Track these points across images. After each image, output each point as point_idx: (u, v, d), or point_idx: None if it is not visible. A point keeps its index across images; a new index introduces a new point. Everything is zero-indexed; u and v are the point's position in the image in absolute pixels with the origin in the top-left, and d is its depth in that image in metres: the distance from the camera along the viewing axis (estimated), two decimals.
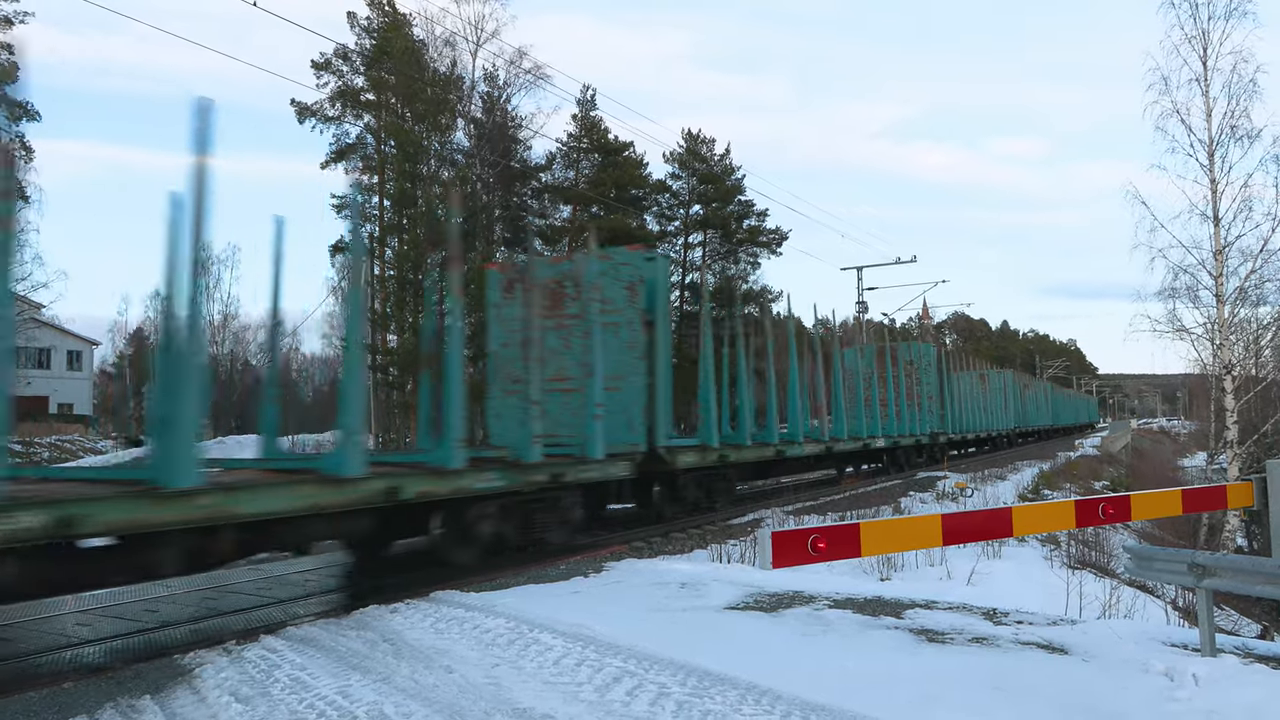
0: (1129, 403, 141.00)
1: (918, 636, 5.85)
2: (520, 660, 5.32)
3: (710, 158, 40.92)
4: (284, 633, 6.30)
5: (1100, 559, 13.61)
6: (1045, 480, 24.39)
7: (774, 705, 4.32)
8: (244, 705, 4.67)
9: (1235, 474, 16.00)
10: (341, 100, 31.32)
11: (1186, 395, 62.86)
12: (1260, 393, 18.26)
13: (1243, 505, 5.60)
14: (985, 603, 7.05)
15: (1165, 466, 40.06)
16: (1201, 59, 17.08)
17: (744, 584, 7.89)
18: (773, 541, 3.59)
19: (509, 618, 6.38)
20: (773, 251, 41.57)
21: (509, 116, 34.64)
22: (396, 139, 29.50)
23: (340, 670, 5.23)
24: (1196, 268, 17.16)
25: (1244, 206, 16.69)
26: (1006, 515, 4.36)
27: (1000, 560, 10.67)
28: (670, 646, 5.47)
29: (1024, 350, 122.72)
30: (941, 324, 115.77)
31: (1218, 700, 4.13)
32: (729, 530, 12.87)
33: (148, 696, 4.96)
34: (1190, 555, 5.14)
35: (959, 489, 17.90)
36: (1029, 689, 4.55)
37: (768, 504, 15.77)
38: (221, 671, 5.34)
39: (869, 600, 7.18)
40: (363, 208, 30.67)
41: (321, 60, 31.07)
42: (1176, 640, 5.70)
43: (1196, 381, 27.37)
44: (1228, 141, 16.87)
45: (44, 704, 4.90)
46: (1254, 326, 18.36)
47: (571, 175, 37.18)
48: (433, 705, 4.50)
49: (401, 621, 6.53)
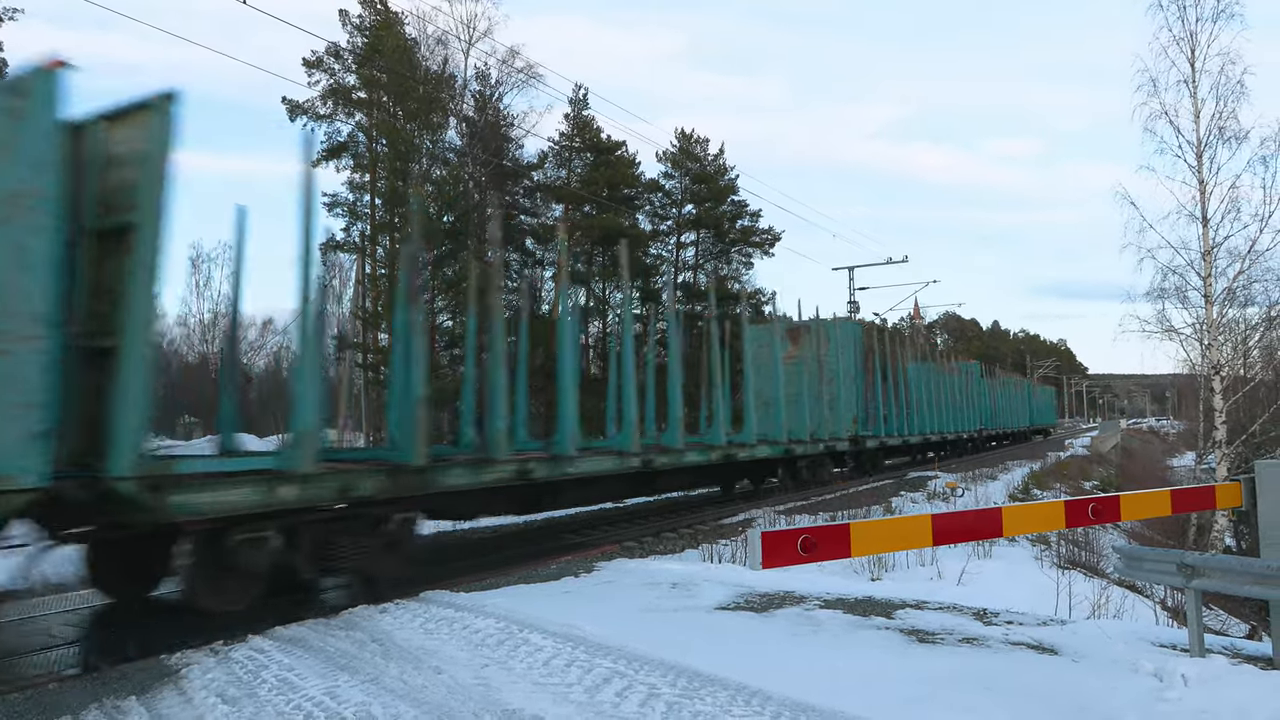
0: (1118, 403, 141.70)
1: (908, 637, 5.86)
2: (510, 661, 5.29)
3: (703, 157, 40.90)
4: (272, 633, 6.26)
5: (1090, 559, 13.67)
6: (1035, 480, 24.51)
7: (764, 706, 4.31)
8: (230, 706, 4.64)
9: (1224, 474, 16.07)
10: (333, 98, 31.19)
11: (1175, 395, 63.20)
12: (1248, 393, 18.34)
13: (1231, 506, 5.60)
14: (975, 603, 7.06)
15: (1154, 466, 40.25)
16: (1190, 60, 17.13)
17: (735, 584, 7.88)
18: (763, 541, 3.57)
19: (499, 618, 6.36)
20: (765, 252, 41.61)
21: (501, 115, 34.55)
22: (388, 137, 29.38)
23: (328, 671, 5.20)
24: (1185, 268, 17.22)
25: (1232, 207, 16.74)
26: (996, 515, 4.35)
27: (990, 560, 10.70)
28: (661, 647, 5.46)
29: (1014, 350, 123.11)
30: (933, 324, 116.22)
31: (1207, 701, 4.13)
32: (720, 530, 12.87)
33: (133, 697, 4.91)
34: (1179, 555, 5.15)
35: (950, 489, 17.96)
36: (1019, 689, 4.55)
37: (759, 503, 15.78)
38: (208, 672, 5.30)
39: (860, 600, 7.18)
40: (354, 204, 30.56)
41: (313, 58, 30.97)
42: (1165, 640, 5.72)
43: (1185, 382, 27.49)
44: (1216, 143, 16.92)
45: (28, 705, 4.85)
46: (1242, 327, 18.45)
47: (564, 174, 37.11)
48: (421, 706, 4.47)
49: (391, 622, 6.50)
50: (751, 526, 12.75)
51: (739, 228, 41.17)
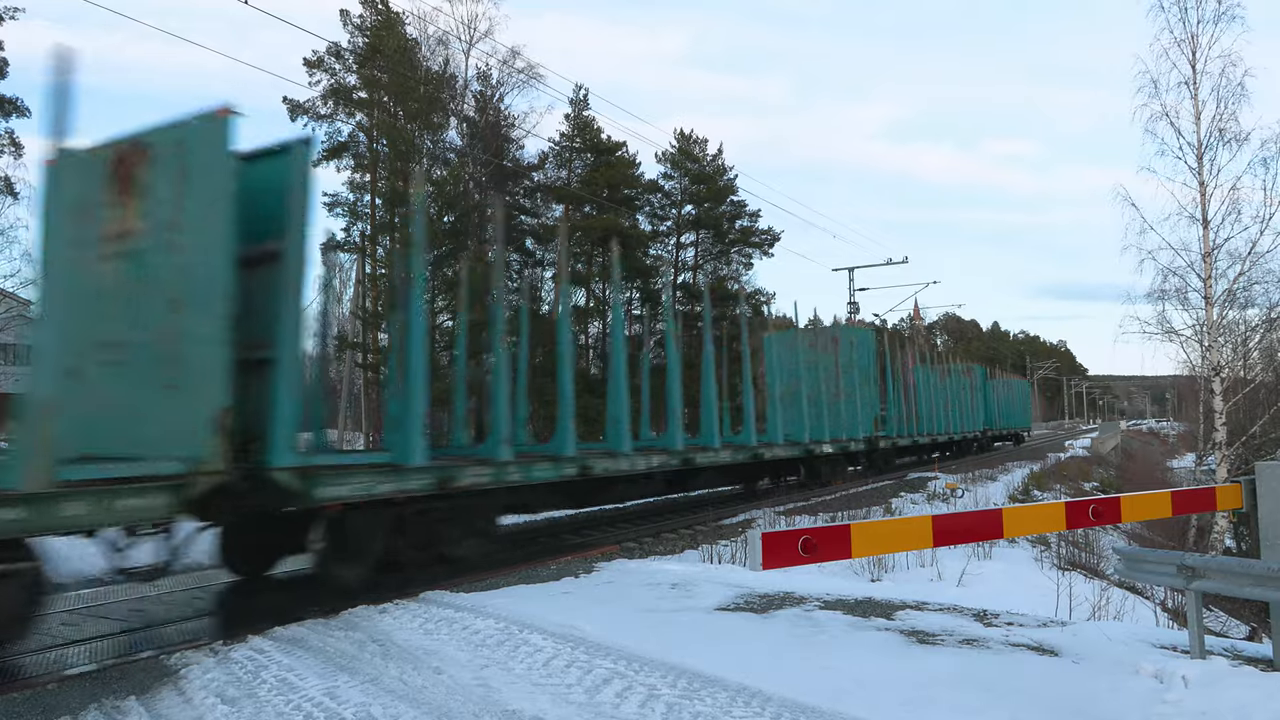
0: (1118, 404, 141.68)
1: (908, 638, 5.85)
2: (510, 661, 5.29)
3: (703, 158, 40.86)
4: (271, 633, 6.26)
5: (1090, 560, 13.67)
6: (1035, 481, 24.52)
7: (764, 707, 4.31)
8: (230, 706, 4.63)
9: (1224, 476, 16.06)
10: (334, 98, 31.17)
11: (1175, 397, 63.21)
12: (1249, 395, 18.34)
13: (1232, 507, 5.60)
14: (976, 604, 7.06)
15: (1154, 468, 40.24)
16: (1190, 62, 17.14)
17: (735, 585, 7.87)
18: (763, 542, 3.56)
19: (499, 618, 6.35)
20: (765, 252, 41.56)
21: (502, 116, 34.56)
22: (389, 137, 29.36)
23: (328, 671, 5.19)
24: (1185, 270, 17.22)
25: (1232, 209, 16.74)
26: (997, 516, 4.34)
27: (991, 561, 10.70)
28: (660, 648, 5.45)
29: (1015, 351, 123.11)
30: (933, 325, 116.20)
31: (1207, 702, 4.13)
32: (720, 530, 12.86)
33: (133, 698, 4.91)
34: (1179, 557, 5.14)
35: (950, 490, 17.96)
36: (1019, 691, 4.55)
37: (759, 504, 15.77)
38: (208, 672, 5.29)
39: (860, 601, 7.17)
40: (354, 204, 30.53)
41: (314, 58, 30.96)
42: (1166, 642, 5.72)
43: (1185, 383, 27.50)
44: (1216, 144, 16.93)
45: (27, 705, 4.85)
46: (1242, 329, 18.44)
47: (564, 175, 37.09)
48: (421, 707, 4.46)
49: (390, 622, 6.49)
50: (751, 527, 12.74)
51: (738, 228, 41.14)
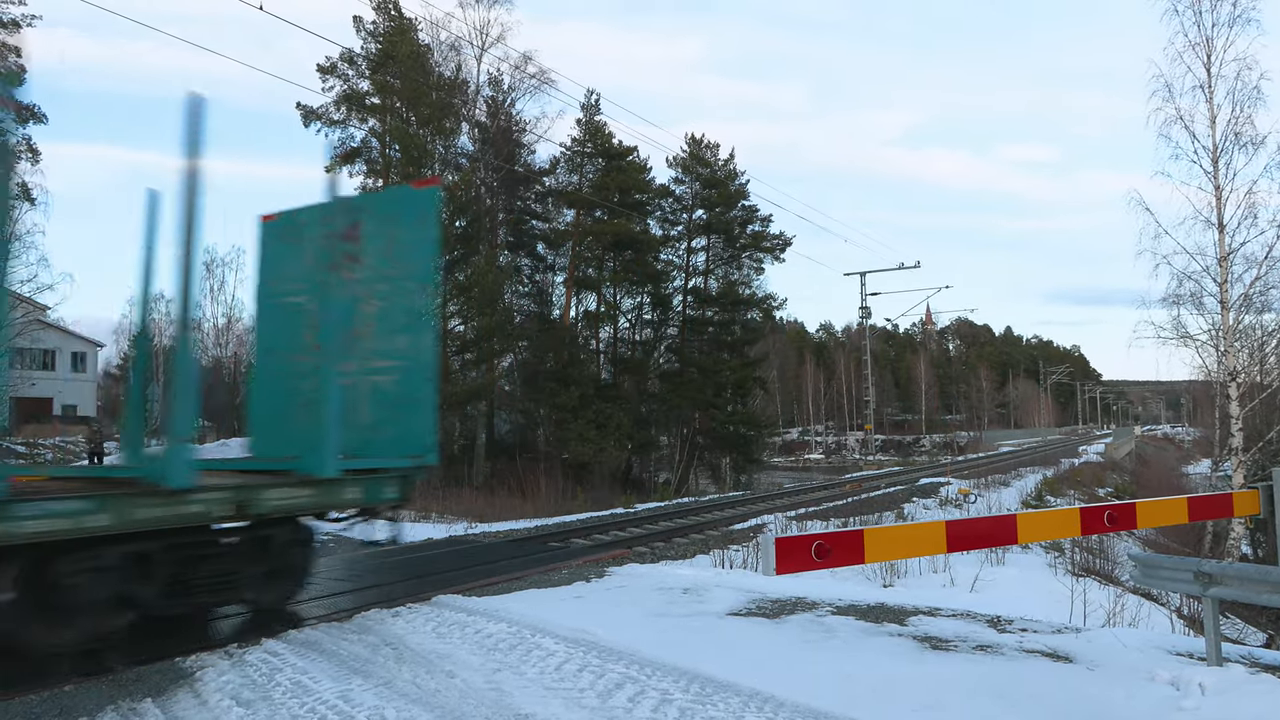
0: (1133, 409, 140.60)
1: (921, 644, 5.83)
2: (522, 665, 5.30)
3: (714, 162, 40.90)
4: (286, 636, 6.29)
5: (1104, 566, 13.57)
6: (1049, 487, 24.39)
7: (776, 712, 4.30)
8: (245, 709, 4.66)
9: (1240, 481, 15.90)
10: (347, 104, 31.38)
11: (1191, 402, 62.63)
12: (1265, 400, 18.15)
13: (1249, 513, 5.55)
14: (989, 610, 7.02)
15: (1170, 474, 39.90)
16: (1205, 66, 17.00)
17: (746, 590, 7.86)
18: (776, 548, 3.55)
19: (511, 622, 6.37)
20: (776, 257, 41.51)
21: (513, 121, 34.70)
22: (401, 143, 29.53)
23: (342, 674, 5.22)
24: (1201, 274, 17.06)
25: (1248, 213, 16.57)
26: (1011, 522, 4.32)
27: (1004, 567, 10.65)
28: (673, 652, 5.45)
29: (1028, 356, 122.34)
30: (945, 329, 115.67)
31: (1225, 710, 4.10)
32: (731, 536, 12.85)
33: (149, 699, 4.95)
34: (1196, 564, 5.10)
35: (962, 495, 17.89)
36: (1033, 697, 4.53)
37: (770, 508, 15.74)
38: (223, 675, 5.33)
39: (872, 607, 7.15)
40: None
41: (327, 64, 31.19)
42: (1182, 649, 5.67)
43: (1201, 388, 27.23)
44: (1232, 148, 16.77)
45: (45, 706, 4.89)
46: (1259, 333, 18.25)
47: (575, 179, 37.20)
48: (434, 710, 4.48)
49: (404, 625, 6.52)
50: (763, 532, 12.73)
51: (749, 233, 41.12)
